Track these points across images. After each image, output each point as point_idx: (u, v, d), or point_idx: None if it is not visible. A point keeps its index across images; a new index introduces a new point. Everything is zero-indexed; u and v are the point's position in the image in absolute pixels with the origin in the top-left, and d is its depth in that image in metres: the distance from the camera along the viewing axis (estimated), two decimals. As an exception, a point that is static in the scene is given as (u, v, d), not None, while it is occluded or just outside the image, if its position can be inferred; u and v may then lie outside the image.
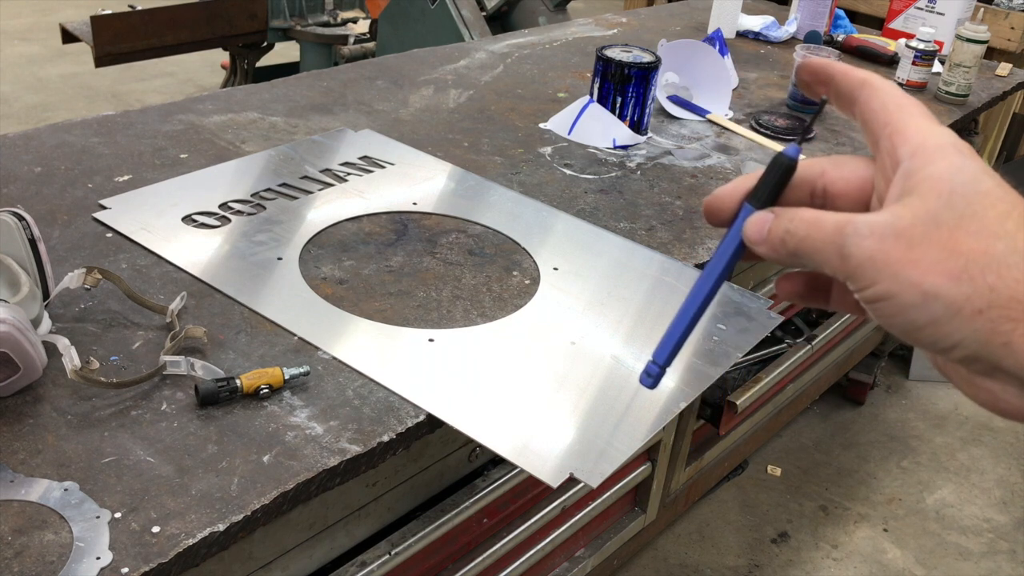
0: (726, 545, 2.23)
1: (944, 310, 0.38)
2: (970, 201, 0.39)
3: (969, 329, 0.38)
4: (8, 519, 0.82)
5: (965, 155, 0.41)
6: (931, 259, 0.39)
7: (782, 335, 2.07)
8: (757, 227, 0.46)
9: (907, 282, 0.39)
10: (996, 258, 0.38)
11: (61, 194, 1.36)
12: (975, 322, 0.38)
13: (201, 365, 1.01)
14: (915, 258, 0.39)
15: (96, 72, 3.94)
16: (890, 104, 0.45)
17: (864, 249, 0.40)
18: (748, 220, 0.47)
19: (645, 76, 1.75)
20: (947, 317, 0.38)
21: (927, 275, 0.39)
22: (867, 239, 0.40)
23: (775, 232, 0.45)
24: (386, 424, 0.98)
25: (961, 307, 0.38)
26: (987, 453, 2.63)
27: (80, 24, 3.38)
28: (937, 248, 0.39)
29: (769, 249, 0.45)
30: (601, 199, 1.56)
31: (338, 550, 1.12)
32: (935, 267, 0.39)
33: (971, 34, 2.16)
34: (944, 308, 0.38)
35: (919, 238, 0.39)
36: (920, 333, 0.40)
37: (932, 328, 0.39)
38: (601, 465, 0.98)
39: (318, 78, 1.94)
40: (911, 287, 0.39)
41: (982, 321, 0.38)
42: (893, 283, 0.39)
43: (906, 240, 0.39)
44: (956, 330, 0.39)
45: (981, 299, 0.38)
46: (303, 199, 1.43)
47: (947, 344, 0.39)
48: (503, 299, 1.25)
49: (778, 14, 2.74)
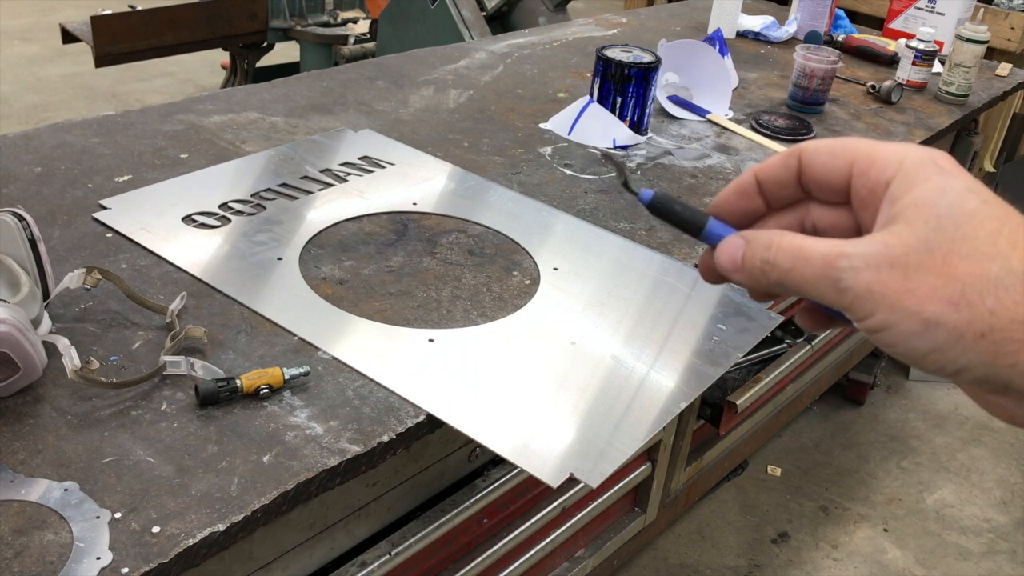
0: (726, 545, 2.23)
1: (946, 337, 0.38)
2: (959, 224, 0.39)
3: (973, 353, 0.38)
4: (8, 519, 0.82)
5: (947, 172, 0.40)
6: (928, 287, 0.38)
7: (782, 335, 2.07)
8: (729, 254, 0.45)
9: (906, 312, 0.39)
10: (992, 281, 0.38)
11: (61, 194, 1.36)
12: (979, 346, 0.38)
13: (201, 365, 1.01)
14: (912, 287, 0.39)
15: (96, 72, 3.94)
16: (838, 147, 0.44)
17: (861, 282, 0.40)
18: (719, 248, 0.46)
19: (645, 76, 1.75)
20: (950, 343, 0.38)
21: (926, 303, 0.38)
22: (863, 272, 0.40)
23: (750, 261, 0.44)
24: (386, 424, 0.98)
25: (963, 332, 0.38)
26: (987, 453, 2.63)
27: (80, 24, 3.38)
28: (933, 275, 0.38)
29: (748, 278, 0.44)
30: (601, 199, 1.56)
31: (338, 550, 1.12)
32: (933, 295, 0.38)
33: (971, 34, 2.16)
34: (946, 335, 0.38)
35: (914, 266, 0.39)
36: (925, 360, 0.40)
37: (936, 355, 0.39)
38: (601, 465, 0.98)
39: (318, 78, 1.94)
40: (911, 316, 0.39)
41: (985, 344, 0.38)
42: (892, 313, 0.39)
43: (901, 269, 0.39)
44: (960, 355, 0.38)
45: (982, 323, 0.38)
46: (303, 199, 1.43)
47: (953, 369, 0.39)
48: (503, 299, 1.25)
49: (778, 14, 2.74)
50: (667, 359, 1.17)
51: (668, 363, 1.16)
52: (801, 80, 2.03)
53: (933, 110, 2.17)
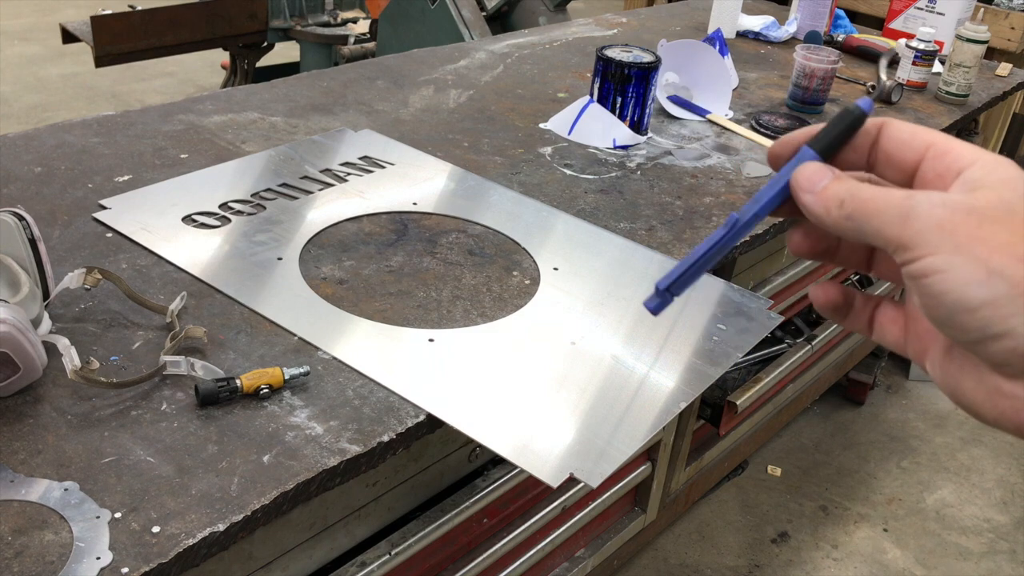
0: (726, 545, 2.23)
1: (1007, 291, 0.37)
2: None
3: None
4: (8, 519, 0.82)
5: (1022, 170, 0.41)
6: (1001, 240, 0.37)
7: (782, 335, 2.08)
8: (811, 178, 0.44)
9: (971, 255, 0.37)
10: None
11: (61, 194, 1.36)
12: None
13: (201, 365, 1.01)
14: (984, 235, 0.37)
15: (96, 72, 3.94)
16: (919, 131, 0.44)
17: (933, 216, 0.38)
18: (802, 166, 0.44)
19: (645, 76, 1.75)
20: (1007, 299, 0.37)
21: (995, 253, 0.37)
22: (938, 208, 0.39)
23: (833, 191, 0.43)
24: (386, 424, 0.98)
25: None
26: (987, 453, 2.63)
27: (80, 24, 3.38)
28: (1008, 231, 0.37)
29: (819, 205, 0.43)
30: (601, 199, 1.56)
31: (338, 550, 1.12)
32: (1004, 248, 0.37)
33: (971, 34, 2.16)
34: (1007, 289, 0.37)
35: (990, 219, 0.38)
36: (970, 315, 0.38)
37: (988, 309, 0.37)
38: (601, 465, 0.98)
39: (318, 78, 1.94)
40: (975, 261, 0.37)
41: None
42: (955, 254, 0.38)
43: (977, 217, 0.38)
44: (1013, 314, 0.37)
45: None
46: (303, 199, 1.43)
47: (998, 330, 0.37)
48: (503, 299, 1.25)
49: (778, 14, 2.74)
50: (667, 359, 1.17)
51: (668, 363, 1.16)
52: (801, 80, 2.03)
53: (933, 110, 2.17)
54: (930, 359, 0.44)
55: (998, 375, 0.39)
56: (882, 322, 0.48)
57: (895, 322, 0.48)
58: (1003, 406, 0.40)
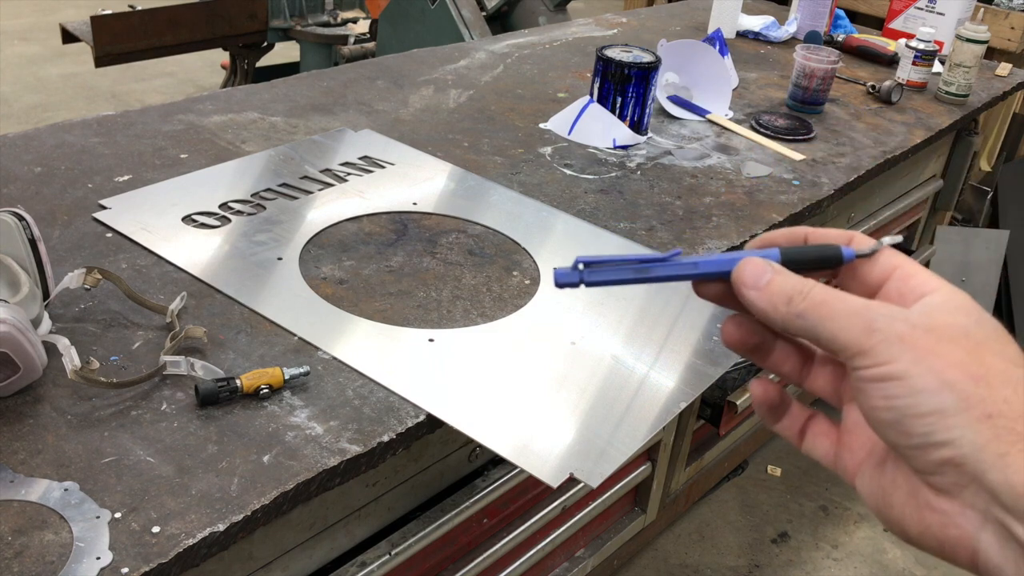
0: (726, 545, 2.23)
1: (955, 403, 0.39)
2: (996, 328, 0.42)
3: (971, 430, 0.39)
4: (8, 519, 0.82)
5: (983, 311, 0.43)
6: (956, 357, 0.40)
7: (782, 335, 2.07)
8: (755, 271, 0.45)
9: (927, 367, 0.40)
10: (1015, 379, 0.39)
11: (61, 194, 1.36)
12: (981, 425, 0.39)
13: (201, 365, 1.01)
14: (941, 352, 0.40)
15: (96, 72, 3.94)
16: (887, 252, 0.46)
17: (895, 329, 0.41)
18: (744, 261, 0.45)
19: (645, 76, 1.75)
20: (955, 411, 0.39)
21: (949, 368, 0.40)
22: (899, 322, 0.41)
23: (779, 286, 0.44)
24: (386, 424, 0.98)
25: (972, 406, 0.39)
26: (987, 453, 2.63)
27: (80, 24, 3.38)
28: (963, 352, 0.40)
29: (764, 301, 0.45)
30: (601, 199, 1.56)
31: (338, 550, 1.12)
32: (958, 365, 0.40)
33: (971, 34, 2.16)
34: (955, 402, 0.39)
35: (947, 339, 0.40)
36: (918, 420, 0.40)
37: (934, 417, 0.39)
38: (601, 465, 0.98)
39: (318, 78, 1.94)
40: (930, 373, 0.40)
41: (988, 426, 0.39)
42: (912, 365, 0.40)
43: (936, 336, 0.41)
44: (957, 426, 0.39)
45: (994, 406, 0.39)
46: (303, 199, 1.43)
47: (941, 439, 0.39)
48: (503, 299, 1.25)
49: (778, 14, 2.74)
50: (667, 359, 1.17)
51: (668, 363, 1.16)
52: (801, 80, 2.03)
53: (933, 110, 2.17)
54: (861, 474, 0.46)
55: (928, 489, 0.41)
56: (815, 433, 0.50)
57: (827, 436, 0.49)
58: (930, 520, 0.41)
